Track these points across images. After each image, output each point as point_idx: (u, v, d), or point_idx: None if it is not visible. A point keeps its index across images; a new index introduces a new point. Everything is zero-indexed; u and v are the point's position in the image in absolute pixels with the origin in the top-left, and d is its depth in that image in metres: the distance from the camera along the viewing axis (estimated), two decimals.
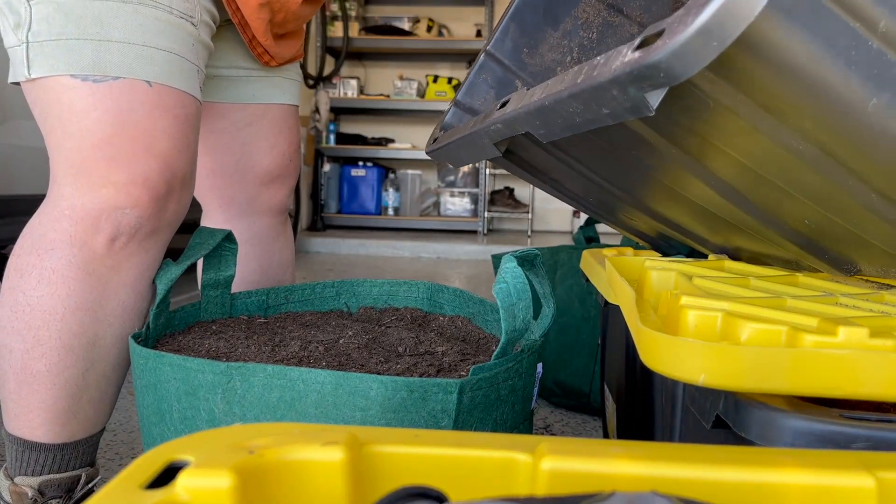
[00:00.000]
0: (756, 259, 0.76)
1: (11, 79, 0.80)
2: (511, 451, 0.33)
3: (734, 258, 0.78)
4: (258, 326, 0.88)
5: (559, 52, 0.95)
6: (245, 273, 1.08)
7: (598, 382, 1.41)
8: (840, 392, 0.42)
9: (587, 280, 0.98)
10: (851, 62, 0.41)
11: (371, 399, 0.61)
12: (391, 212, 5.04)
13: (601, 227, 5.34)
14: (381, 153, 4.88)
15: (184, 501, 0.29)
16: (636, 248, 1.06)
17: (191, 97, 0.82)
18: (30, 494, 0.79)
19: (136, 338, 0.76)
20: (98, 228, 0.76)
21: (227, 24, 0.96)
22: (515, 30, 0.94)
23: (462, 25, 5.23)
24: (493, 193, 5.07)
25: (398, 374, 0.69)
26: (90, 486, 0.84)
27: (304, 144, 4.51)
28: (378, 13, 5.19)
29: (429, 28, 4.98)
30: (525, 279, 0.67)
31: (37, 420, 0.78)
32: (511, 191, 5.10)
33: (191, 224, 0.99)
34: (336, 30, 4.70)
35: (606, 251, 0.97)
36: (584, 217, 5.03)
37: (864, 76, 0.42)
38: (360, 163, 5.05)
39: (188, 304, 0.88)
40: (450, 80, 4.98)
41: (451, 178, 5.14)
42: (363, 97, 5.04)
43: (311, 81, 4.27)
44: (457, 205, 5.10)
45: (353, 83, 4.99)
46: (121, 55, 0.76)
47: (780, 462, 0.32)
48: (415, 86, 4.97)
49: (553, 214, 5.35)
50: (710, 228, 0.74)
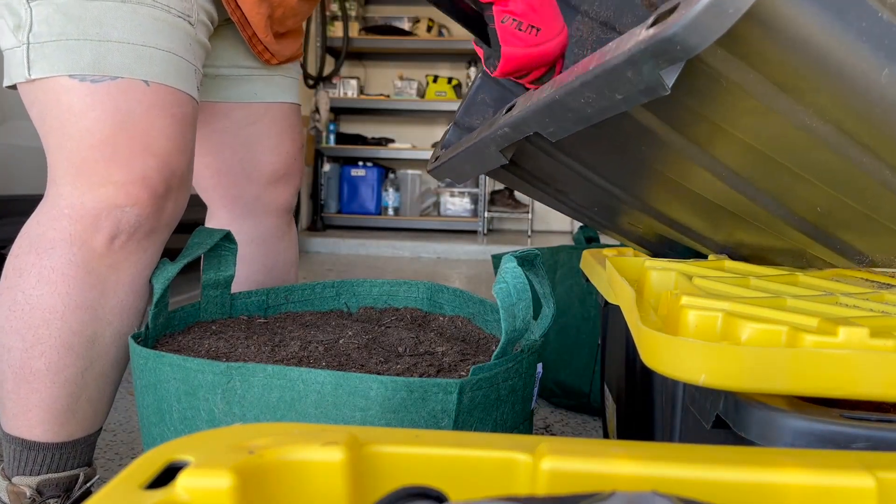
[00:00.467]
0: (759, 254, 0.76)
1: (7, 82, 0.80)
2: (511, 451, 0.33)
3: (735, 257, 0.78)
4: (258, 326, 0.88)
5: None
6: (249, 273, 1.08)
7: (598, 382, 1.41)
8: (840, 392, 0.42)
9: (587, 280, 0.98)
10: (862, 34, 0.42)
11: (371, 399, 0.61)
12: (391, 212, 5.04)
13: None
14: (381, 153, 4.88)
15: (184, 501, 0.29)
16: (636, 249, 1.06)
17: (188, 96, 0.82)
18: (28, 494, 0.79)
19: (136, 338, 0.76)
20: (98, 227, 0.77)
21: (228, 24, 0.96)
22: None
23: None
24: (493, 193, 5.07)
25: (398, 375, 0.69)
26: (88, 486, 0.84)
27: (305, 144, 4.51)
28: (378, 13, 5.19)
29: (429, 28, 4.98)
30: (525, 279, 0.67)
31: (35, 419, 0.78)
32: (511, 191, 5.10)
33: (192, 224, 0.99)
34: (336, 30, 4.70)
35: (606, 251, 0.97)
36: None
37: (875, 47, 0.43)
38: (360, 163, 5.05)
39: (188, 304, 0.88)
40: (450, 80, 4.98)
41: None
42: (363, 97, 5.04)
43: (311, 81, 4.27)
44: (457, 205, 5.10)
45: (353, 83, 4.99)
46: (120, 55, 0.76)
47: (780, 462, 0.32)
48: (415, 86, 4.97)
49: (553, 214, 5.35)
50: (714, 224, 0.74)
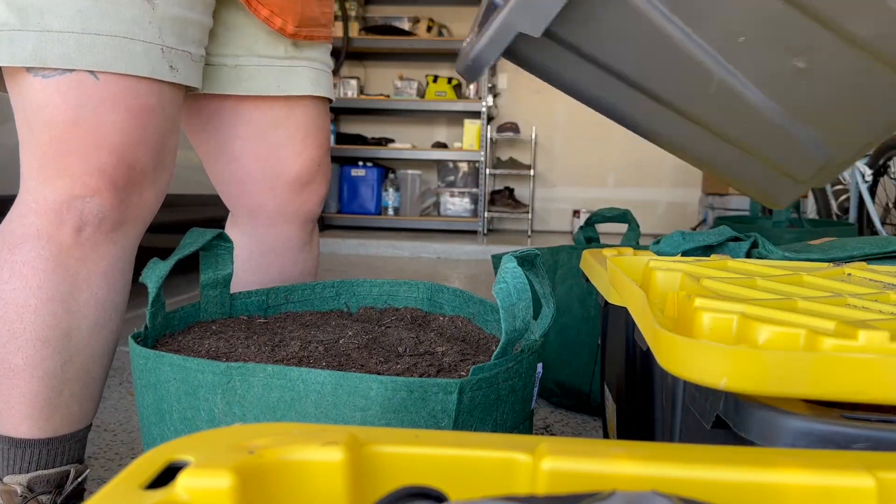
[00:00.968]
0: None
1: None
2: (511, 451, 0.33)
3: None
4: (258, 326, 0.88)
5: None
6: (265, 281, 1.06)
7: (598, 382, 1.41)
8: (863, 397, 0.41)
9: (587, 280, 0.98)
10: None
11: (371, 399, 0.61)
12: (391, 212, 5.04)
13: (601, 227, 5.34)
14: (381, 153, 4.89)
15: (184, 502, 0.29)
16: (636, 248, 1.06)
17: (151, 84, 0.79)
18: (19, 492, 0.79)
19: (136, 338, 0.76)
20: (62, 220, 0.77)
21: (236, 9, 0.92)
22: None
23: (462, 25, 5.22)
24: (493, 193, 5.07)
25: (398, 375, 0.69)
26: (79, 481, 0.84)
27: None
28: (378, 13, 5.19)
29: (429, 28, 4.98)
30: (525, 279, 0.67)
31: (19, 415, 0.79)
32: (511, 191, 5.09)
33: (208, 222, 0.98)
34: (336, 30, 4.70)
35: (606, 251, 0.97)
36: (584, 217, 5.03)
37: None
38: (360, 163, 5.05)
39: (188, 304, 0.88)
40: (450, 80, 4.98)
41: (451, 178, 5.14)
42: (363, 97, 5.04)
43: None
44: (457, 205, 5.10)
45: (353, 83, 4.99)
46: (62, 46, 0.74)
47: (781, 462, 0.32)
48: (415, 86, 4.97)
49: (553, 214, 5.35)
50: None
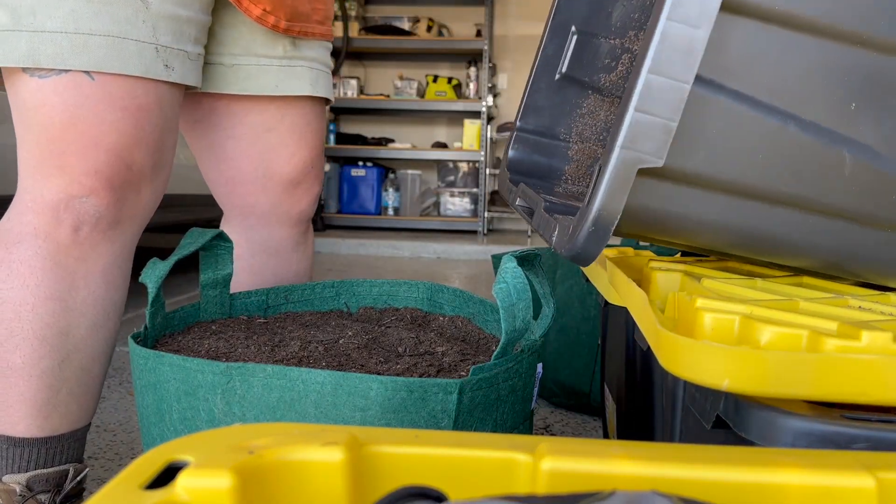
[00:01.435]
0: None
1: None
2: (511, 452, 0.33)
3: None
4: (258, 326, 0.88)
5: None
6: (259, 283, 1.06)
7: (598, 382, 1.41)
8: (866, 398, 0.41)
9: (587, 280, 0.98)
10: None
11: (371, 399, 0.61)
12: (391, 212, 5.04)
13: None
14: (381, 153, 4.88)
15: (184, 502, 0.29)
16: (636, 248, 1.06)
17: (148, 84, 0.79)
18: (18, 491, 0.79)
19: (136, 338, 0.76)
20: (59, 219, 0.77)
21: (235, 8, 0.92)
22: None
23: (462, 25, 5.22)
24: (493, 193, 5.07)
25: (398, 375, 0.69)
26: (78, 480, 0.84)
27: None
28: (378, 13, 5.19)
29: (429, 28, 4.98)
30: (525, 279, 0.67)
31: (17, 414, 0.79)
32: None
33: (204, 223, 0.98)
34: (336, 30, 4.70)
35: (606, 251, 0.97)
36: None
37: None
38: (360, 163, 5.05)
39: (188, 305, 0.88)
40: (450, 80, 4.98)
41: (451, 179, 5.14)
42: (363, 97, 5.04)
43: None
44: (457, 205, 5.10)
45: (353, 83, 4.99)
46: (55, 46, 0.73)
47: (781, 462, 0.32)
48: (415, 86, 4.97)
49: None
50: None
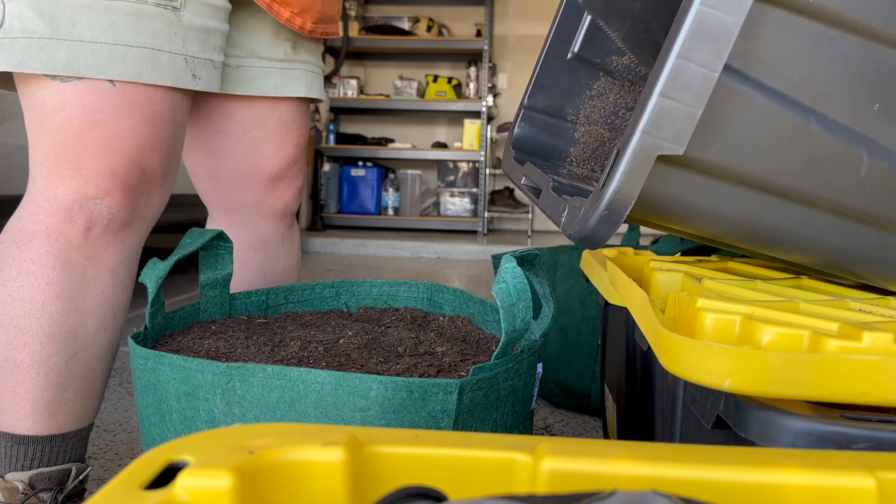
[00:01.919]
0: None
1: None
2: (511, 452, 0.33)
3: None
4: (258, 326, 0.88)
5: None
6: (248, 278, 1.06)
7: (598, 382, 1.41)
8: (867, 399, 0.41)
9: (587, 280, 0.98)
10: None
11: (371, 399, 0.61)
12: (391, 212, 5.04)
13: None
14: (381, 153, 4.89)
15: (183, 502, 0.29)
16: (636, 248, 1.06)
17: (166, 91, 0.81)
18: (20, 489, 0.80)
19: (136, 338, 0.76)
20: (72, 219, 0.78)
21: (243, 12, 0.93)
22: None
23: (462, 25, 5.22)
24: (493, 193, 5.07)
25: (398, 375, 0.69)
26: (80, 478, 0.84)
27: (306, 144, 4.51)
28: (378, 13, 5.19)
29: (429, 28, 4.98)
30: (525, 279, 0.67)
31: (23, 412, 0.79)
32: (511, 191, 5.09)
33: (192, 224, 0.98)
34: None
35: (606, 251, 0.97)
36: None
37: None
38: (360, 163, 5.05)
39: (188, 305, 0.88)
40: (450, 80, 4.98)
41: (451, 178, 5.14)
42: (363, 97, 5.04)
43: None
44: (457, 205, 5.10)
45: (353, 83, 4.99)
46: (94, 56, 0.76)
47: (781, 462, 0.32)
48: (415, 86, 4.97)
49: None
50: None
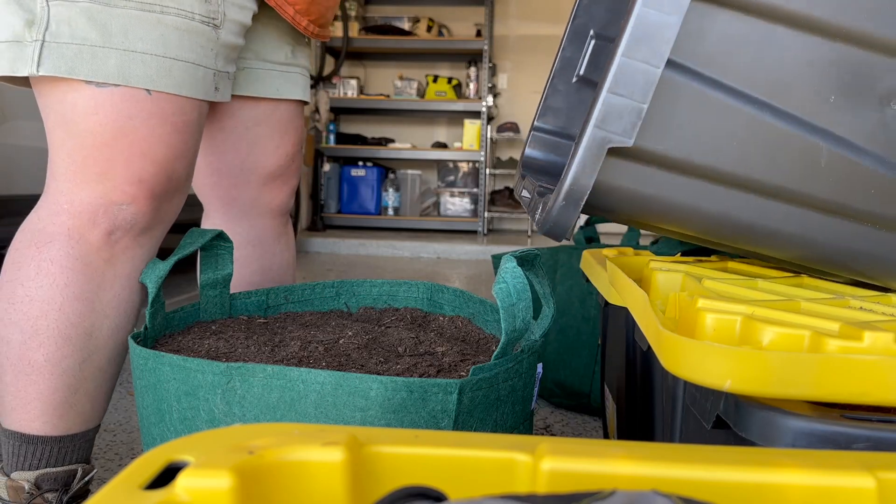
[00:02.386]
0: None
1: (2, 72, 0.78)
2: (511, 452, 0.33)
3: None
4: (258, 326, 0.88)
5: None
6: (246, 274, 1.08)
7: (598, 382, 1.41)
8: (869, 399, 0.41)
9: (587, 280, 0.98)
10: None
11: (371, 399, 0.61)
12: (391, 212, 5.04)
13: (601, 227, 5.33)
14: (381, 153, 4.88)
15: (183, 502, 0.29)
16: (636, 248, 1.06)
17: (195, 102, 0.83)
18: (26, 488, 0.80)
19: (136, 338, 0.76)
20: (95, 222, 0.79)
21: (255, 16, 0.94)
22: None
23: (462, 25, 5.22)
24: (493, 193, 5.07)
25: (398, 375, 0.69)
26: (86, 480, 0.84)
27: (304, 144, 4.51)
28: (378, 13, 5.18)
29: (429, 28, 4.98)
30: (525, 279, 0.67)
31: (34, 411, 0.79)
32: (511, 191, 5.09)
33: (191, 224, 0.98)
34: (335, 30, 4.70)
35: (606, 251, 0.97)
36: (584, 217, 5.02)
37: None
38: (360, 163, 5.05)
39: (188, 305, 0.88)
40: (450, 80, 4.98)
41: (451, 178, 5.14)
42: (363, 97, 5.03)
43: (311, 81, 4.26)
44: (457, 205, 5.10)
45: (353, 83, 4.99)
46: (144, 67, 0.77)
47: (781, 462, 0.32)
48: (415, 86, 4.97)
49: None
50: None
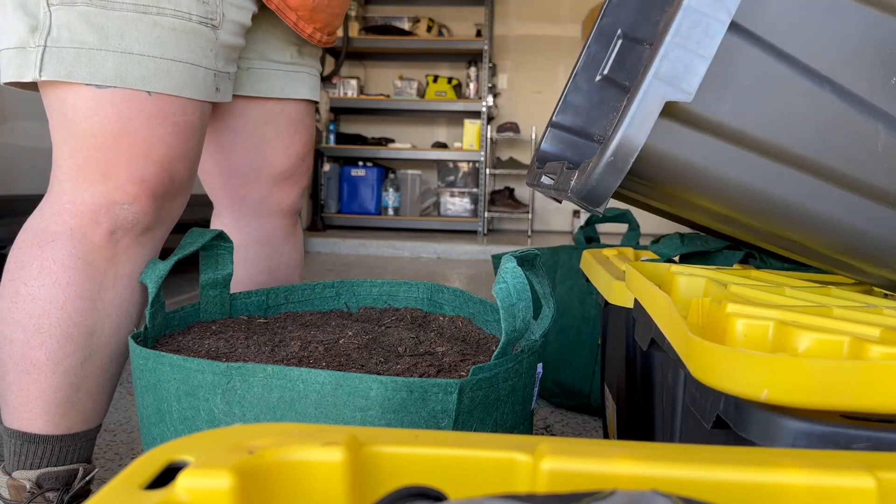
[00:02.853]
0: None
1: (6, 78, 0.80)
2: (511, 452, 0.33)
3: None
4: (258, 326, 0.88)
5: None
6: (253, 273, 1.08)
7: (598, 382, 1.41)
8: None
9: (587, 280, 0.98)
10: None
11: (371, 399, 0.61)
12: (391, 212, 5.04)
13: (601, 227, 5.34)
14: (381, 153, 4.89)
15: (183, 502, 0.29)
16: (636, 249, 1.06)
17: (196, 103, 0.83)
18: (28, 487, 0.80)
19: (136, 338, 0.76)
20: (97, 222, 0.79)
21: (255, 18, 0.94)
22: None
23: (462, 25, 5.22)
24: (493, 193, 5.07)
25: (398, 375, 0.69)
26: (87, 479, 0.84)
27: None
28: (378, 13, 5.19)
29: (429, 28, 4.98)
30: (525, 279, 0.67)
31: (36, 410, 0.80)
32: (511, 191, 5.09)
33: (195, 223, 0.98)
34: None
35: (607, 251, 0.97)
36: (584, 217, 5.03)
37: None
38: (360, 163, 5.05)
39: (188, 305, 0.88)
40: (450, 80, 4.98)
41: (451, 178, 5.14)
42: (363, 97, 5.04)
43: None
44: (457, 205, 5.10)
45: (353, 83, 4.99)
46: (142, 68, 0.78)
47: (781, 462, 0.32)
48: (415, 86, 4.97)
49: (553, 214, 5.35)
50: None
